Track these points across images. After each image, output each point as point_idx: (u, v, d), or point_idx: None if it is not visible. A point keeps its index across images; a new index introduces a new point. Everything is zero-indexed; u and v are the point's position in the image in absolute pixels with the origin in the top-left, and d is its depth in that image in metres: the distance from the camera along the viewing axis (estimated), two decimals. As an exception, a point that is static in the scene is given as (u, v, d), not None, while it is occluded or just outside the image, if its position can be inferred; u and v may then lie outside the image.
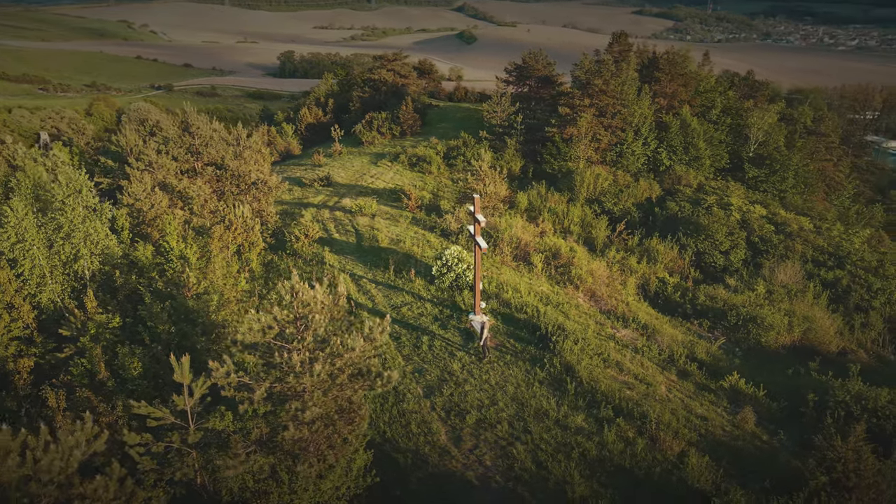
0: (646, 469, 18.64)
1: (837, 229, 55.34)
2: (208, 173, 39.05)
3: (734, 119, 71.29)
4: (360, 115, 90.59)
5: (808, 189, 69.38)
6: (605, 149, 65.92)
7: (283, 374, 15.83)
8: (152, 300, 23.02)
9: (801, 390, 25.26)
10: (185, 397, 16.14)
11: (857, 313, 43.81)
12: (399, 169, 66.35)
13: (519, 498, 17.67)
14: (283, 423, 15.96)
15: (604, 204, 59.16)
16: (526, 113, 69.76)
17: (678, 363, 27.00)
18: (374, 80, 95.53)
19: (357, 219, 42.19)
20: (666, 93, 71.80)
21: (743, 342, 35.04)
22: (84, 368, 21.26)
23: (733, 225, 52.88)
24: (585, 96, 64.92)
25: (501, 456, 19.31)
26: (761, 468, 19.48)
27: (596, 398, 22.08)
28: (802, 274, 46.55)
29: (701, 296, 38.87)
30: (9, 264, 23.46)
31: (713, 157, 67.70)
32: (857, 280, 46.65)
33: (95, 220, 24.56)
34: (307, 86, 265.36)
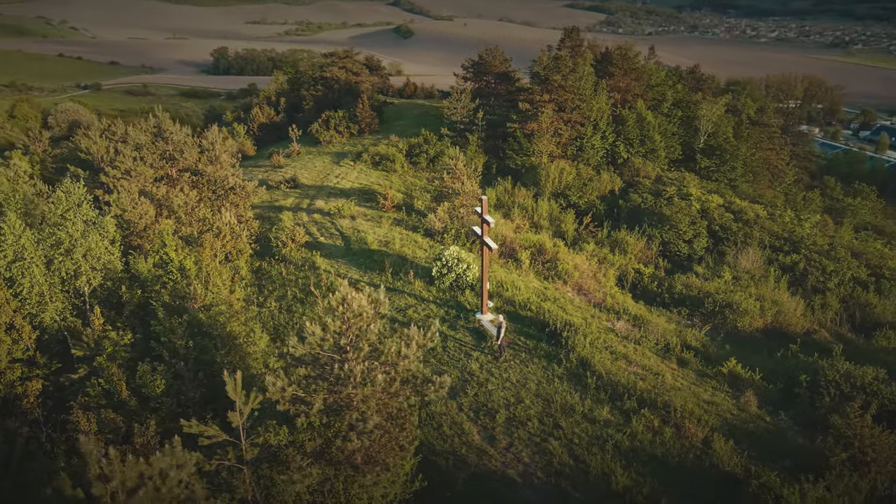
0: (676, 457, 19.55)
1: (788, 215, 58.48)
2: (185, 180, 38.01)
3: (685, 112, 74.00)
4: (314, 114, 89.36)
5: (755, 178, 72.89)
6: (565, 143, 67.34)
7: (338, 385, 15.87)
8: (166, 314, 22.47)
9: (793, 372, 26.85)
10: (238, 414, 15.95)
11: (814, 295, 46.50)
12: (363, 168, 65.96)
13: (563, 492, 18.27)
14: (342, 434, 16.01)
15: (569, 198, 60.57)
16: (486, 109, 70.46)
17: (675, 352, 28.22)
18: (327, 77, 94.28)
19: (338, 221, 41.88)
20: (619, 87, 73.84)
21: (720, 328, 36.68)
22: (101, 388, 20.60)
23: (694, 215, 55.13)
24: (545, 92, 66.09)
25: (538, 452, 19.86)
26: (775, 448, 20.70)
27: (617, 391, 22.92)
28: (763, 259, 49.02)
29: (677, 285, 40.44)
30: (6, 283, 22.42)
31: (667, 148, 70.18)
32: (812, 263, 49.46)
33: (96, 234, 23.69)
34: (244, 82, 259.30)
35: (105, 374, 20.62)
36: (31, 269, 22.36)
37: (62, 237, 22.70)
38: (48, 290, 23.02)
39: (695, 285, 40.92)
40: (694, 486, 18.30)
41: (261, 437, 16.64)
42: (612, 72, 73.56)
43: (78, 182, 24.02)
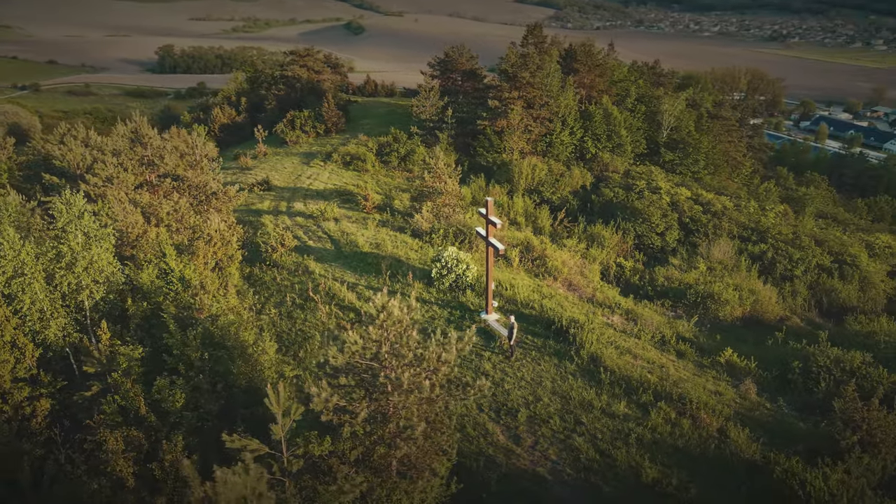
0: (697, 447, 20.24)
1: (753, 206, 60.63)
2: (166, 186, 37.07)
3: (648, 106, 75.77)
4: (277, 114, 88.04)
5: (716, 170, 75.26)
6: (535, 140, 68.21)
7: (382, 393, 15.93)
8: (178, 327, 22.01)
9: (785, 359, 28.02)
10: (280, 426, 15.84)
11: (784, 282, 48.41)
12: (334, 168, 65.41)
13: (594, 487, 18.72)
14: (387, 441, 16.07)
15: (542, 194, 61.38)
16: (454, 107, 70.67)
17: (671, 344, 29.09)
18: (288, 76, 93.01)
19: (323, 224, 41.52)
20: (584, 83, 75.09)
21: (703, 318, 37.87)
22: (117, 405, 20.06)
23: (665, 207, 56.61)
24: (514, 89, 66.74)
25: (564, 449, 20.26)
26: (784, 434, 21.65)
27: (631, 385, 23.53)
28: (734, 250, 50.72)
29: (659, 277, 41.54)
30: (5, 300, 21.56)
31: (633, 143, 71.79)
32: (779, 252, 51.43)
33: (99, 247, 22.95)
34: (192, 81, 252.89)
35: (121, 391, 20.10)
36: (32, 284, 21.56)
37: (64, 251, 21.94)
38: (49, 306, 22.24)
39: (675, 277, 42.09)
40: (718, 475, 19.03)
41: (300, 449, 16.55)
42: (577, 68, 74.77)
43: (78, 193, 23.22)
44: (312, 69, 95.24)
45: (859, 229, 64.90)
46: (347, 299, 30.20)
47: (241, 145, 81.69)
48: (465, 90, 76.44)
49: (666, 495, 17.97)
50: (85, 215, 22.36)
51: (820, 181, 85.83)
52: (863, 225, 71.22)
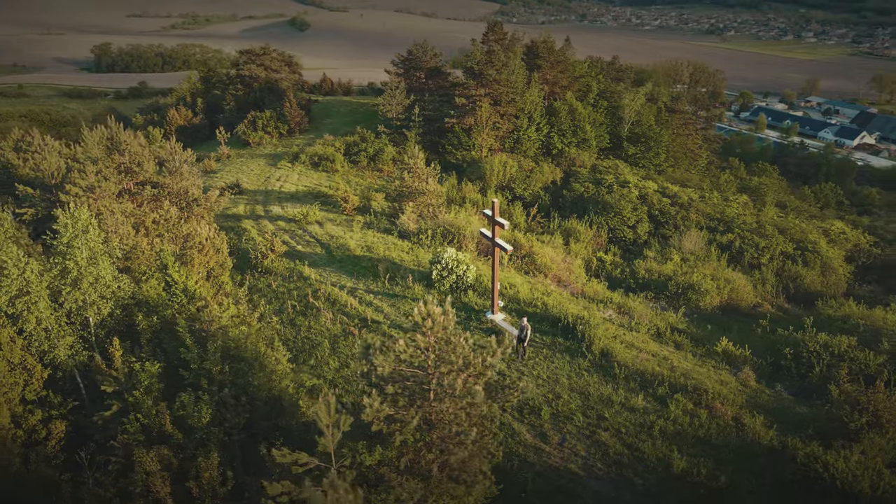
0: (718, 436, 21.03)
1: (716, 197, 62.75)
2: (147, 193, 36.01)
3: (609, 101, 77.37)
4: (236, 115, 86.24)
5: (676, 162, 77.49)
6: (503, 136, 68.84)
7: (432, 399, 16.04)
8: (194, 340, 21.55)
9: (775, 346, 29.29)
10: (330, 438, 15.76)
11: (752, 270, 50.36)
12: (302, 170, 64.62)
13: (626, 480, 19.26)
14: (438, 447, 16.19)
15: (514, 190, 62.13)
16: (421, 105, 70.60)
17: (667, 336, 30.02)
18: (245, 76, 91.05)
19: (308, 228, 41.02)
20: (548, 79, 76.07)
21: (685, 309, 39.10)
22: (139, 424, 19.53)
23: (635, 201, 58.08)
24: (480, 86, 67.20)
25: (592, 444, 20.75)
26: (792, 419, 22.69)
27: (646, 378, 24.21)
28: (704, 240, 52.45)
29: (640, 270, 42.66)
30: (9, 320, 20.67)
31: (597, 137, 73.24)
32: (746, 241, 53.45)
33: (105, 262, 22.17)
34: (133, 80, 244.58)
35: (143, 409, 19.59)
36: (38, 303, 20.75)
37: (70, 266, 21.15)
38: (55, 325, 21.44)
39: (654, 269, 43.28)
40: (742, 462, 19.85)
41: (347, 459, 16.53)
42: (540, 64, 75.67)
43: (82, 206, 22.36)
44: (270, 68, 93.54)
45: (812, 216, 67.95)
46: (350, 304, 30.03)
47: (201, 147, 79.65)
48: (429, 88, 76.48)
49: (697, 485, 18.67)
50: (90, 230, 21.61)
51: (771, 170, 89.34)
52: (814, 212, 74.59)
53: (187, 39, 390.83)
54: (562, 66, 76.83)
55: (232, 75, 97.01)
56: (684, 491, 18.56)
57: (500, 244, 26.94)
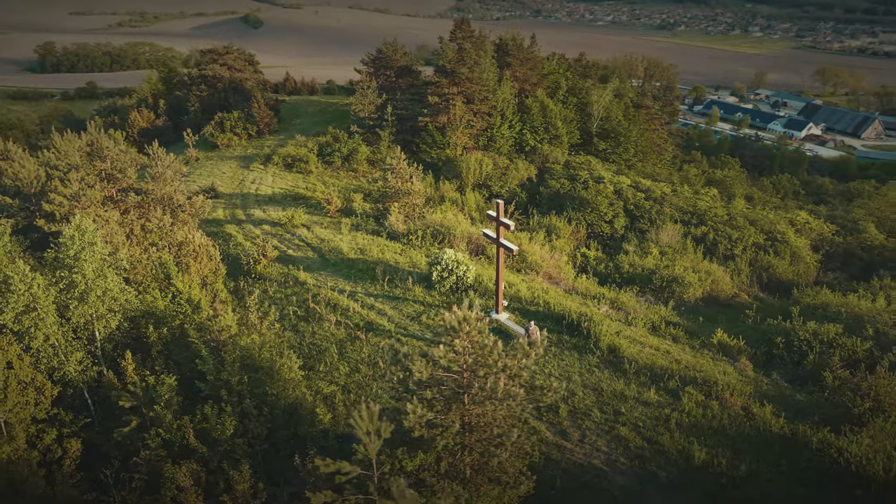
0: (731, 427, 21.72)
1: (687, 191, 64.32)
2: (132, 200, 35.10)
3: (578, 98, 78.45)
4: (202, 116, 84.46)
5: (645, 157, 79.10)
6: (477, 134, 69.18)
7: (473, 403, 16.21)
8: (209, 351, 21.22)
9: (766, 335, 30.36)
10: (371, 445, 15.78)
11: (727, 262, 51.86)
12: (276, 171, 63.79)
13: (650, 473, 19.76)
14: (479, 450, 16.37)
15: (491, 188, 62.54)
16: (393, 104, 70.32)
17: (662, 329, 30.79)
18: (209, 76, 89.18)
19: (296, 231, 40.56)
20: (517, 76, 76.66)
21: (669, 300, 40.07)
22: (161, 439, 19.16)
23: (611, 196, 59.14)
24: (453, 84, 67.36)
25: (612, 439, 21.21)
26: (793, 406, 23.58)
27: (655, 372, 24.82)
28: (680, 233, 53.77)
29: (624, 265, 43.51)
30: (15, 337, 19.98)
31: (568, 134, 74.21)
32: (719, 233, 54.99)
33: (112, 274, 21.57)
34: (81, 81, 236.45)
35: (165, 423, 19.23)
36: (46, 319, 20.11)
37: (77, 280, 20.54)
38: (63, 341, 20.82)
39: (637, 263, 44.17)
40: (758, 451, 20.57)
41: (387, 466, 16.57)
42: (510, 62, 76.22)
43: (88, 219, 21.69)
44: (234, 68, 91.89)
45: (776, 207, 70.28)
46: (353, 308, 29.89)
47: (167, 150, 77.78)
48: (400, 87, 76.26)
49: (718, 475, 19.32)
50: (97, 242, 21.03)
51: (734, 163, 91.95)
52: (777, 203, 77.19)
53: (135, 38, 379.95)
54: (531, 64, 77.56)
55: (194, 75, 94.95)
56: (706, 482, 19.19)
57: (506, 244, 27.21)
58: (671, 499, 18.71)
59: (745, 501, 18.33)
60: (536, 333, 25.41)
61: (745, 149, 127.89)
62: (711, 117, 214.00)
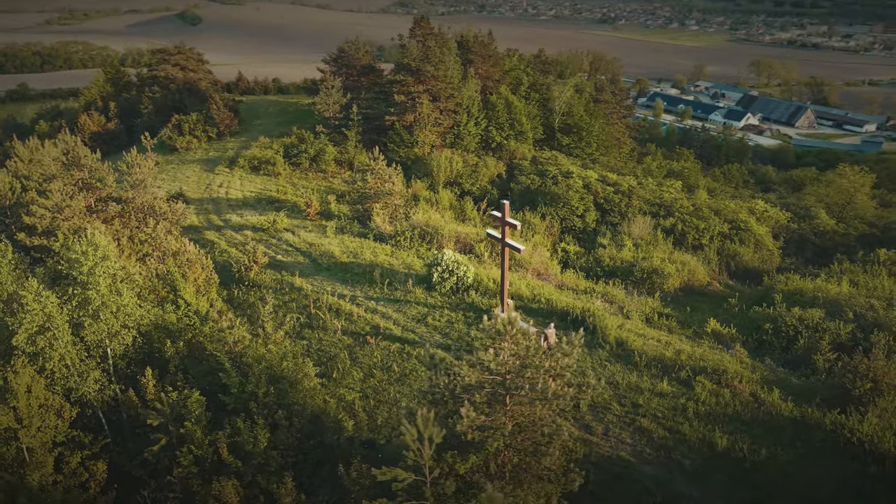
0: (745, 413, 22.62)
1: (652, 183, 66.10)
2: (112, 210, 33.93)
3: (540, 94, 79.55)
4: (156, 119, 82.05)
5: (607, 150, 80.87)
6: (444, 132, 69.40)
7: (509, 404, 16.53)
8: (233, 364, 20.89)
9: (753, 322, 31.70)
10: (426, 450, 15.90)
11: (696, 251, 53.66)
12: (242, 175, 62.61)
13: (676, 462, 20.43)
14: (530, 451, 16.67)
15: (462, 185, 62.95)
16: (359, 103, 69.83)
17: (654, 321, 31.78)
18: (161, 77, 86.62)
19: (281, 236, 39.99)
20: (480, 73, 77.19)
21: (651, 291, 41.27)
22: (193, 456, 18.76)
23: (581, 191, 60.31)
24: (418, 82, 67.36)
25: (635, 431, 21.83)
26: (793, 390, 24.72)
27: (665, 363, 25.59)
28: (651, 225, 55.31)
29: (605, 258, 44.58)
30: (29, 359, 19.18)
31: (532, 130, 75.21)
32: (686, 224, 56.79)
33: (126, 289, 20.87)
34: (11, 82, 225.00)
35: (195, 439, 18.86)
36: (62, 337, 19.39)
37: (91, 296, 19.84)
38: (77, 360, 20.12)
39: (617, 256, 45.31)
40: (772, 435, 21.54)
41: (437, 471, 16.72)
42: (472, 59, 76.67)
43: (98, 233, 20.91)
44: (187, 68, 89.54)
45: (733, 196, 73.03)
46: (356, 313, 29.72)
47: (116, 155, 75.13)
48: (363, 85, 75.77)
49: (740, 460, 20.18)
50: (110, 256, 20.39)
51: (688, 155, 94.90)
52: (732, 192, 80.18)
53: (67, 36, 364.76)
54: (493, 61, 78.22)
55: (144, 76, 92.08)
56: (731, 467, 20.03)
57: (513, 244, 27.58)
58: (699, 485, 19.47)
59: (769, 484, 19.23)
60: (553, 337, 25.79)
61: (692, 140, 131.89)
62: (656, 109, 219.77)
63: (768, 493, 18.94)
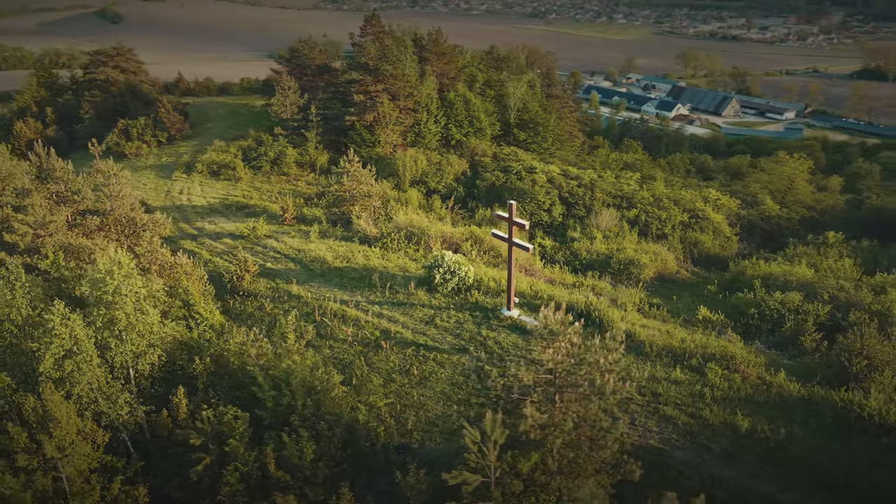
0: (757, 395, 23.77)
1: (610, 176, 68.02)
2: (92, 223, 32.53)
3: (495, 90, 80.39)
4: (97, 124, 78.47)
5: (562, 145, 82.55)
6: (404, 131, 69.31)
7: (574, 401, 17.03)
8: (266, 378, 20.56)
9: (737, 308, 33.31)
10: (491, 452, 16.20)
11: (660, 241, 55.66)
12: (202, 180, 60.93)
13: (703, 446, 21.38)
14: (589, 444, 17.20)
15: (428, 184, 63.14)
16: (317, 104, 68.84)
17: (647, 311, 32.96)
18: (101, 80, 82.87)
19: (265, 242, 39.18)
20: (436, 71, 77.29)
21: (628, 282, 42.68)
22: (240, 473, 18.41)
23: (546, 185, 61.50)
24: (377, 82, 66.99)
25: (660, 419, 22.65)
26: (790, 370, 26.17)
27: (675, 352, 26.56)
28: (617, 217, 56.99)
29: (582, 251, 45.75)
30: (56, 385, 18.34)
31: (490, 126, 75.97)
32: (649, 214, 58.82)
33: (152, 308, 20.13)
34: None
35: (240, 457, 18.54)
36: (91, 360, 18.64)
37: (118, 317, 19.09)
38: (105, 383, 19.38)
39: (592, 249, 46.55)
40: (785, 414, 22.81)
41: (498, 471, 17.07)
42: (427, 57, 76.68)
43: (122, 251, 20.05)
44: (128, 70, 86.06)
45: (686, 186, 75.88)
46: (362, 319, 29.54)
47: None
48: (318, 85, 74.72)
49: (763, 440, 21.33)
50: (135, 275, 19.72)
51: (636, 146, 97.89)
52: (682, 181, 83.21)
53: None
54: (447, 58, 78.46)
55: (79, 79, 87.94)
56: (757, 447, 21.17)
57: (520, 244, 28.11)
58: (730, 466, 20.53)
59: (794, 461, 20.46)
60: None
61: (633, 131, 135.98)
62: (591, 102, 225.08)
63: (794, 471, 20.15)
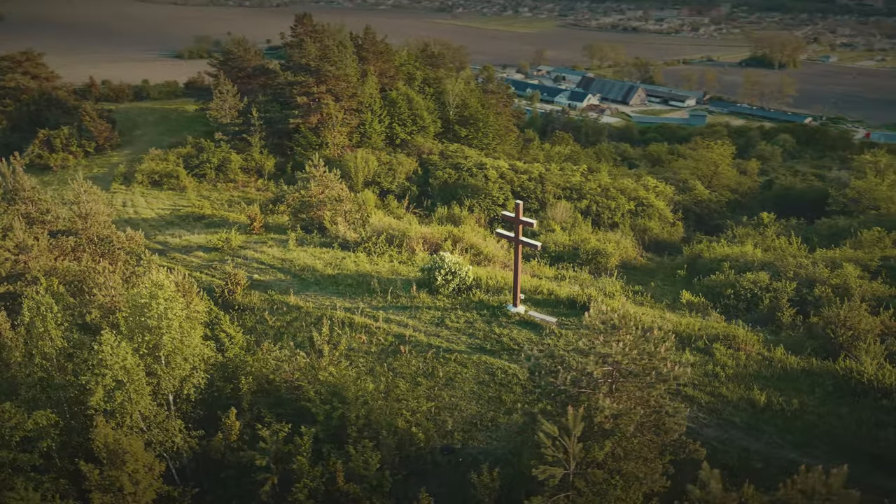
0: (764, 370, 25.59)
1: (556, 168, 70.09)
2: (67, 244, 30.66)
3: (434, 88, 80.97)
4: (13, 135, 73.16)
5: (501, 140, 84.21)
6: (350, 132, 68.77)
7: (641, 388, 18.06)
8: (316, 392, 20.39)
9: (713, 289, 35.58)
10: (573, 445, 16.91)
11: (612, 229, 58.11)
12: (143, 190, 58.31)
13: (728, 422, 22.86)
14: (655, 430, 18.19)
15: (381, 184, 63.01)
16: (258, 106, 67.11)
17: (633, 298, 34.60)
18: (10, 88, 77.27)
19: (244, 254, 38.00)
20: (375, 70, 77.00)
21: (596, 270, 44.47)
22: (308, 489, 18.22)
23: (499, 181, 62.79)
24: (319, 83, 66.12)
25: (683, 400, 23.73)
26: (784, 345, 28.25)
27: (680, 336, 28.00)
28: (571, 209, 59.00)
29: (550, 244, 47.14)
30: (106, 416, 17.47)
31: (432, 123, 76.53)
32: (599, 205, 61.29)
33: (196, 329, 19.36)
34: None
35: (308, 473, 18.41)
36: (141, 389, 17.89)
37: (165, 342, 18.35)
38: (153, 411, 18.64)
39: (559, 241, 48.10)
40: (792, 385, 24.75)
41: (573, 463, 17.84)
42: (366, 56, 76.30)
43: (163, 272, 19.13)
44: (40, 76, 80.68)
45: (624, 175, 79.24)
46: (371, 325, 29.38)
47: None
48: (255, 88, 72.77)
49: (780, 412, 23.08)
50: (179, 297, 19.06)
51: (567, 138, 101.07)
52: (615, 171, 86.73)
53: None
54: (385, 57, 78.31)
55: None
56: (776, 419, 22.95)
57: (528, 241, 28.88)
58: (756, 438, 22.19)
59: (811, 428, 22.37)
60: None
61: (554, 122, 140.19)
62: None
63: (812, 437, 22.07)
